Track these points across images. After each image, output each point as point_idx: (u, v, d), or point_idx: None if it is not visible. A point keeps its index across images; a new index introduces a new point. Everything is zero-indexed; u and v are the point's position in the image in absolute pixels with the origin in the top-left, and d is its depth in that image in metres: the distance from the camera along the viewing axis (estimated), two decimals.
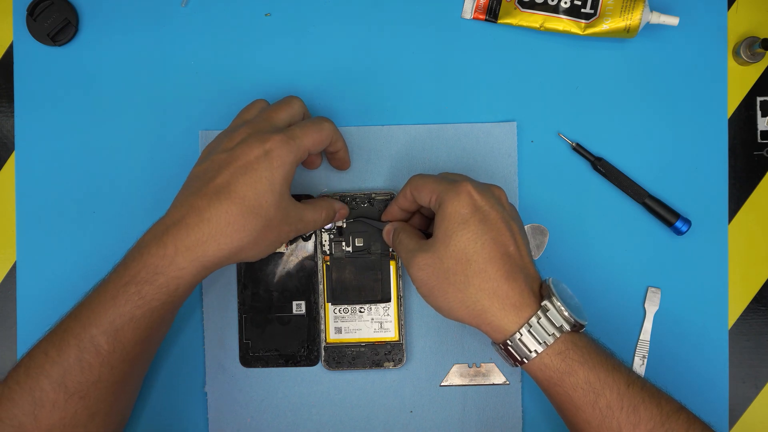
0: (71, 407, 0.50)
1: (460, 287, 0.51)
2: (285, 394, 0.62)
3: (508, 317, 0.50)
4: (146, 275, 0.50)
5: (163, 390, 0.62)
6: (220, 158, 0.52)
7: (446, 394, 0.62)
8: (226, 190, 0.51)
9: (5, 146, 0.64)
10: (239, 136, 0.53)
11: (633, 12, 0.59)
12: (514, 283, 0.50)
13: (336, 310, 0.61)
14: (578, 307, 0.52)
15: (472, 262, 0.50)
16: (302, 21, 0.63)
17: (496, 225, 0.51)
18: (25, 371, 0.50)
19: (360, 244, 0.61)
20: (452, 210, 0.51)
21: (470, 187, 0.52)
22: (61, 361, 0.50)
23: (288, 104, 0.56)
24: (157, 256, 0.50)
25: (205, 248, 0.50)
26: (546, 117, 0.63)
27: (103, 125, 0.63)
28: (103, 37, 0.63)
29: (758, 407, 0.62)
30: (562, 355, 0.50)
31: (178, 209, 0.51)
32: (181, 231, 0.50)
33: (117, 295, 0.50)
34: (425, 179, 0.54)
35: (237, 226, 0.50)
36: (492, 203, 0.52)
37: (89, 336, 0.50)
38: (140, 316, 0.50)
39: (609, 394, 0.49)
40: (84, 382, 0.50)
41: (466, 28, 0.63)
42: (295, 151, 0.52)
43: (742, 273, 0.62)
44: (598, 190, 0.62)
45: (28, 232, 0.63)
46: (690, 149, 0.62)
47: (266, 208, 0.51)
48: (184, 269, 0.50)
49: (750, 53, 0.61)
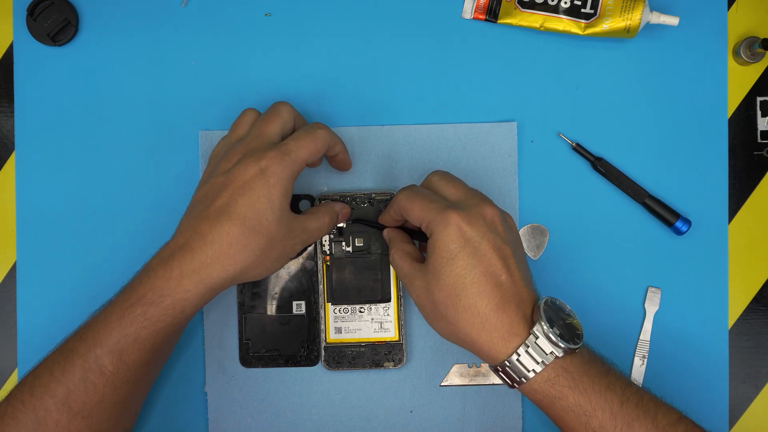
0: (74, 427, 0.51)
1: (451, 320, 0.51)
2: (285, 394, 0.62)
3: (497, 348, 0.50)
4: (153, 297, 0.50)
5: (163, 390, 0.62)
6: (219, 181, 0.53)
7: (446, 394, 0.62)
8: (226, 211, 0.51)
9: (5, 146, 0.64)
10: (235, 157, 0.53)
11: (633, 12, 0.59)
12: (504, 314, 0.50)
13: (336, 310, 0.61)
14: (572, 328, 0.51)
15: (462, 297, 0.50)
16: (302, 21, 0.63)
17: (486, 256, 0.50)
18: (30, 390, 0.51)
19: (360, 244, 0.61)
20: (441, 244, 0.51)
21: (458, 219, 0.50)
22: (66, 381, 0.50)
23: (277, 114, 0.55)
24: (163, 278, 0.50)
25: (210, 270, 0.51)
26: (546, 117, 0.63)
27: (103, 125, 0.63)
28: (103, 37, 0.63)
29: (758, 407, 0.62)
30: (550, 382, 0.50)
31: (182, 234, 0.52)
32: (186, 255, 0.51)
33: (123, 315, 0.50)
34: (412, 201, 0.53)
35: (239, 246, 0.51)
36: (483, 232, 0.51)
37: (94, 356, 0.50)
38: (145, 337, 0.50)
39: (601, 414, 0.49)
40: (88, 402, 0.50)
41: (466, 28, 0.63)
42: (290, 166, 0.52)
43: (742, 273, 0.62)
44: (598, 190, 0.62)
45: (28, 232, 0.63)
46: (690, 149, 0.62)
47: (267, 226, 0.52)
48: (189, 291, 0.51)
49: (750, 53, 0.61)
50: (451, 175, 0.55)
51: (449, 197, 0.53)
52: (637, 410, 0.49)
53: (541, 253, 0.62)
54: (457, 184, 0.54)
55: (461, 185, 0.54)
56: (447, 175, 0.55)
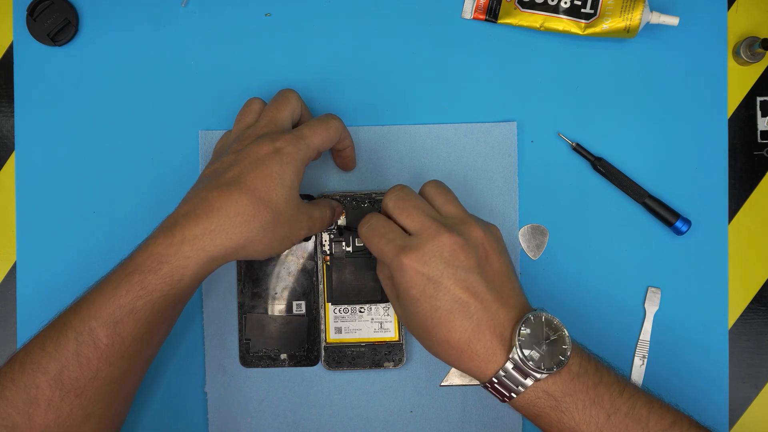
0: (66, 406, 0.49)
1: (430, 348, 0.52)
2: (285, 394, 0.62)
3: (477, 374, 0.50)
4: (151, 264, 0.49)
5: (163, 390, 0.62)
6: (230, 158, 0.52)
7: (446, 394, 0.62)
8: (236, 182, 0.50)
9: (5, 146, 0.64)
10: (248, 140, 0.53)
11: (633, 12, 0.59)
12: (479, 343, 0.49)
13: (336, 310, 0.61)
14: (557, 345, 0.49)
15: (434, 333, 0.50)
16: (302, 21, 0.63)
17: (449, 292, 0.49)
18: (20, 367, 0.49)
19: (360, 244, 0.61)
20: (402, 290, 0.50)
21: (413, 262, 0.49)
22: (59, 356, 0.49)
23: (286, 101, 0.56)
24: (163, 245, 0.49)
25: (213, 238, 0.49)
26: (546, 117, 0.63)
27: (103, 125, 0.63)
28: (103, 37, 0.63)
29: (758, 407, 0.62)
30: (530, 404, 0.49)
31: (187, 203, 0.51)
32: (189, 221, 0.49)
33: (119, 285, 0.49)
34: (369, 239, 0.52)
35: (246, 216, 0.50)
36: (440, 270, 0.49)
37: (88, 329, 0.49)
38: (141, 307, 0.49)
39: (586, 429, 0.49)
40: (81, 378, 0.49)
41: (466, 28, 0.63)
42: (304, 150, 0.52)
43: (742, 273, 0.62)
44: (598, 190, 0.62)
45: (28, 232, 0.63)
46: (690, 149, 0.62)
47: (276, 201, 0.51)
48: (189, 258, 0.49)
49: (750, 53, 0.61)
50: (404, 199, 0.52)
51: (406, 228, 0.51)
52: (626, 420, 0.49)
53: (541, 253, 0.62)
54: (411, 211, 0.51)
55: (415, 212, 0.51)
56: (400, 199, 0.52)
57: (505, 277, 0.51)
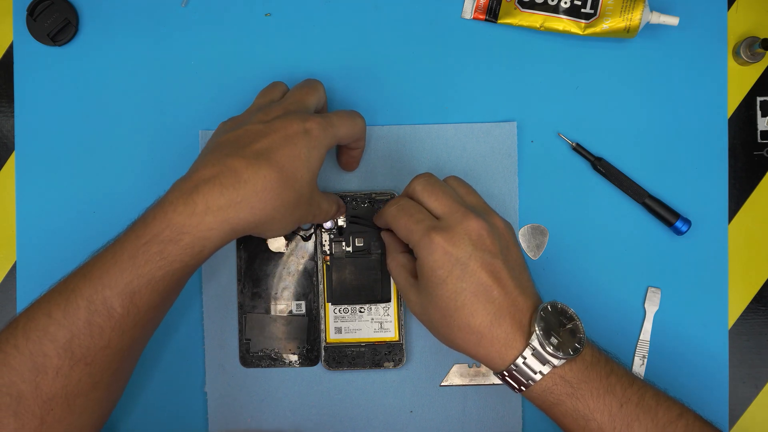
0: (75, 374, 0.47)
1: (447, 335, 0.52)
2: (285, 394, 0.62)
3: (495, 361, 0.50)
4: (171, 234, 0.47)
5: (163, 390, 0.62)
6: (257, 128, 0.51)
7: (446, 394, 0.62)
8: (265, 155, 0.49)
9: (5, 146, 0.64)
10: (275, 113, 0.52)
11: (633, 12, 0.59)
12: (499, 328, 0.50)
13: (336, 310, 0.61)
14: (573, 333, 0.50)
15: (455, 317, 0.50)
16: (302, 21, 0.63)
17: (475, 275, 0.50)
18: (24, 333, 0.47)
19: (360, 244, 0.61)
20: (428, 270, 0.50)
21: (442, 242, 0.49)
22: (69, 323, 0.47)
23: (315, 89, 0.55)
24: (184, 214, 0.47)
25: (238, 210, 0.48)
26: (546, 117, 0.63)
27: (103, 125, 0.63)
28: (103, 37, 0.63)
29: (758, 407, 0.62)
30: (548, 390, 0.50)
31: (209, 168, 0.48)
32: (214, 189, 0.47)
33: (136, 254, 0.47)
34: (397, 219, 0.53)
35: (273, 193, 0.49)
36: (469, 252, 0.50)
37: (102, 298, 0.47)
38: (160, 278, 0.47)
39: (600, 417, 0.49)
40: (92, 347, 0.47)
41: (466, 28, 0.63)
42: (330, 137, 0.52)
43: (742, 273, 0.62)
44: (598, 190, 0.62)
45: (28, 232, 0.63)
46: (690, 149, 0.62)
47: (300, 183, 0.50)
48: (212, 230, 0.47)
49: (750, 53, 0.61)
50: (432, 184, 0.53)
51: (433, 211, 0.52)
52: (637, 410, 0.50)
53: (541, 253, 0.62)
54: (440, 195, 0.53)
55: (443, 196, 0.52)
56: (429, 184, 0.53)
57: (522, 268, 0.53)
